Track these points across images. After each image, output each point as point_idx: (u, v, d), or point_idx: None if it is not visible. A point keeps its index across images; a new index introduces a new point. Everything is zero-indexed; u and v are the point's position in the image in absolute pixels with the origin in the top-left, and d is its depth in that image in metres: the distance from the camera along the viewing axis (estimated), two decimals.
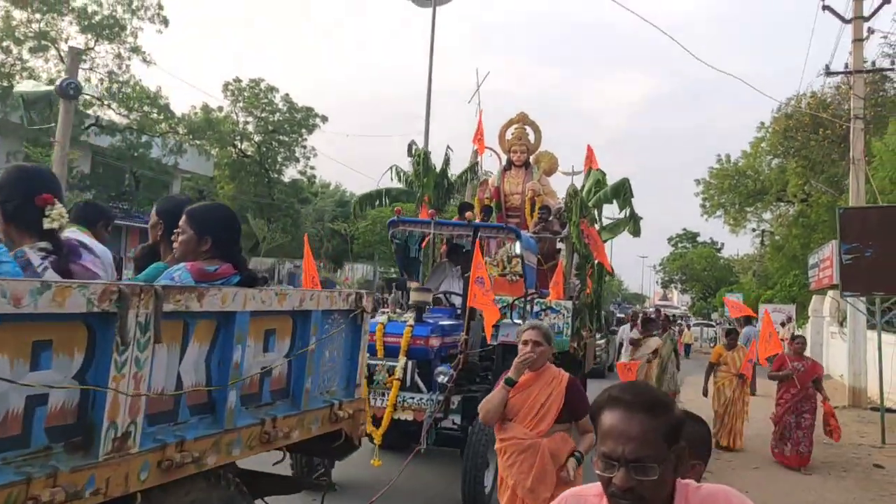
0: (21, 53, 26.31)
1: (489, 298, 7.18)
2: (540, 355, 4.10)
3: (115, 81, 28.72)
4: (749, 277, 43.14)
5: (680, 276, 56.13)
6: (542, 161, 13.30)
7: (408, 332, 7.21)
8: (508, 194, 12.99)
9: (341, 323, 4.00)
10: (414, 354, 7.16)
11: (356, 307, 4.09)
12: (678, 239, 62.40)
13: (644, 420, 1.72)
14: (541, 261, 11.21)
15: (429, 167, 12.20)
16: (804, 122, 27.27)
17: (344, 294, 4.05)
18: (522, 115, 13.37)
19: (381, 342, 7.28)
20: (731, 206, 37.41)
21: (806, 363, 9.57)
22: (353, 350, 4.17)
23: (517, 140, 13.18)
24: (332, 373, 4.02)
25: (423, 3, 25.24)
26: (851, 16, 15.57)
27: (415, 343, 7.19)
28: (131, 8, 28.32)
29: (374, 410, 6.87)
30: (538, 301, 10.18)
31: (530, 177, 12.93)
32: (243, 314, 3.13)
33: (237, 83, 38.10)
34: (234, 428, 3.08)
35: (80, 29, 27.56)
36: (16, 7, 26.17)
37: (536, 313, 10.08)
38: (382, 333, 7.31)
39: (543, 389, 4.17)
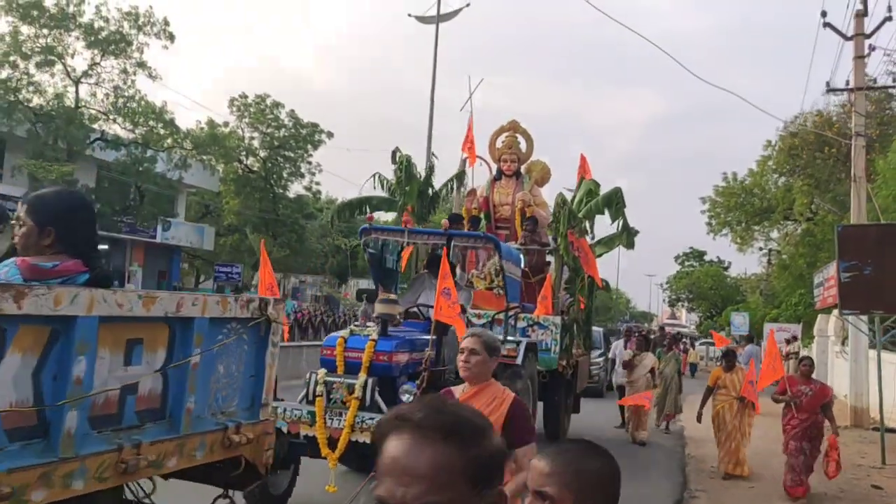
0: (28, 68, 26.50)
1: (455, 311, 6.81)
2: (475, 366, 3.50)
3: (121, 96, 28.88)
4: (756, 296, 42.86)
5: (687, 294, 55.81)
6: (533, 171, 12.73)
7: (370, 346, 6.69)
8: (498, 205, 12.40)
9: (241, 333, 3.52)
10: (376, 371, 6.63)
11: (259, 315, 3.59)
12: (685, 257, 62.11)
13: (438, 451, 1.16)
14: (528, 274, 10.85)
15: (412, 175, 11.65)
16: (809, 141, 27.18)
17: (243, 300, 3.58)
18: (513, 122, 12.83)
19: (341, 357, 6.79)
20: (738, 225, 37.26)
21: (814, 387, 8.72)
22: (258, 365, 3.67)
23: (507, 149, 12.61)
24: (230, 391, 3.54)
25: (426, 20, 25.31)
26: (853, 33, 15.48)
27: (378, 359, 6.65)
28: (137, 24, 28.54)
29: (330, 431, 6.35)
30: (525, 316, 9.82)
31: (521, 187, 12.36)
32: (88, 319, 2.63)
33: (243, 99, 38.28)
34: (76, 456, 2.57)
35: (87, 44, 27.78)
36: (24, 23, 26.41)
37: (523, 329, 9.74)
38: (343, 348, 6.83)
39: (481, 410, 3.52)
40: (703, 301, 52.76)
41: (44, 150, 26.17)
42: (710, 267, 56.10)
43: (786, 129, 28.43)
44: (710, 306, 51.77)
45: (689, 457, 10.95)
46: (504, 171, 12.55)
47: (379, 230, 8.52)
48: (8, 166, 27.68)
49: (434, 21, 25.08)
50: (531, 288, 10.77)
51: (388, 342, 6.79)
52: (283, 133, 38.90)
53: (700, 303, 54.29)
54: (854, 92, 15.71)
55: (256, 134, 38.92)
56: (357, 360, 6.64)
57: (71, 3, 27.20)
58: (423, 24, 25.74)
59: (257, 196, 38.32)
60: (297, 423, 6.46)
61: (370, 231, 8.51)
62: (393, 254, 9.19)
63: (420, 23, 25.47)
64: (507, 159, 12.51)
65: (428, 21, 25.15)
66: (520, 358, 7.97)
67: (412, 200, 11.57)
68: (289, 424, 6.42)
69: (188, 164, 31.27)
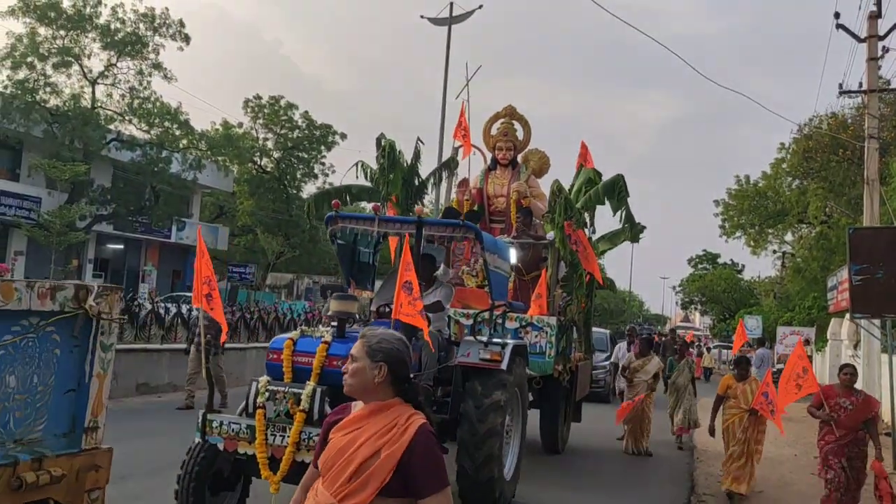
0: (45, 69, 26.77)
1: (416, 309, 6.00)
2: (352, 375, 2.60)
3: (137, 97, 29.12)
4: (770, 300, 42.64)
5: (700, 297, 55.59)
6: (531, 160, 11.70)
7: (321, 350, 5.80)
8: (492, 197, 11.37)
9: (44, 332, 2.62)
10: (329, 379, 5.59)
11: (72, 309, 2.67)
12: (698, 260, 61.88)
13: None
14: (521, 270, 10.02)
15: (395, 162, 10.57)
16: (824, 143, 27.02)
17: (44, 287, 2.58)
18: (510, 108, 11.76)
19: (288, 362, 5.88)
20: (751, 228, 37.13)
21: (856, 399, 7.36)
22: (79, 376, 2.76)
23: (503, 136, 11.49)
24: (30, 411, 2.61)
25: (439, 22, 25.36)
26: (866, 35, 15.42)
27: (330, 364, 5.67)
28: (153, 25, 28.77)
29: (272, 449, 5.46)
30: (518, 317, 8.92)
31: (517, 177, 11.30)
32: None
33: (257, 100, 38.52)
34: None
35: (103, 46, 28.03)
36: (41, 24, 26.69)
37: (514, 330, 8.85)
38: (291, 352, 5.93)
39: (372, 439, 2.52)
40: (717, 304, 52.52)
41: (60, 150, 26.44)
42: (724, 270, 55.85)
43: (800, 132, 28.31)
44: (724, 309, 51.53)
45: (698, 473, 10.22)
46: (499, 160, 11.48)
47: (346, 218, 7.49)
48: (25, 166, 27.99)
49: (447, 23, 25.14)
50: (524, 286, 10.02)
51: (343, 345, 5.82)
52: (296, 134, 39.11)
53: (713, 306, 54.05)
54: (867, 94, 15.65)
55: (270, 135, 39.17)
56: (307, 365, 5.80)
57: (88, 5, 27.45)
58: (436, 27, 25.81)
59: (271, 197, 38.53)
60: (234, 439, 5.57)
61: (336, 220, 7.48)
62: (368, 246, 8.23)
63: (433, 24, 25.53)
64: (502, 147, 11.42)
65: (440, 23, 25.21)
66: (504, 362, 6.95)
67: (396, 190, 10.56)
68: (225, 441, 5.61)
69: (203, 165, 31.50)
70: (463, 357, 6.97)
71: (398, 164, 10.69)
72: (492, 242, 7.66)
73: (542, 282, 9.29)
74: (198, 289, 6.28)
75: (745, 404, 8.57)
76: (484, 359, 6.90)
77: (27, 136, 26.78)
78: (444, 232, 7.40)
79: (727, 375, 9.10)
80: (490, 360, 6.89)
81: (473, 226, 7.16)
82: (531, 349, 8.77)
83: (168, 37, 29.23)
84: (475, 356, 6.94)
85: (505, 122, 11.62)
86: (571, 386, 10.43)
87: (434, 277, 7.74)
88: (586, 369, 11.48)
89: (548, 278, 9.56)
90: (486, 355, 6.91)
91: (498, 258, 7.59)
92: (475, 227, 7.18)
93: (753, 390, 8.61)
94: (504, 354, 6.95)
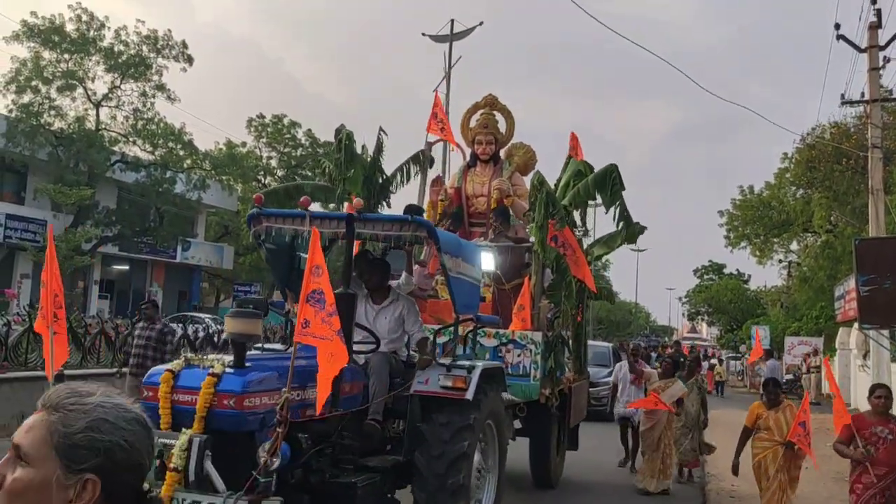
0: (49, 92, 26.96)
1: (331, 329, 4.52)
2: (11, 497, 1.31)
3: (140, 119, 29.30)
4: (776, 309, 42.51)
5: (706, 308, 55.46)
6: (514, 155, 10.39)
7: (208, 385, 4.40)
8: (472, 197, 10.04)
9: None
10: (218, 423, 4.39)
11: None
12: (704, 270, 61.78)
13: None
14: (501, 279, 8.76)
15: (354, 156, 9.14)
16: (827, 153, 27.00)
17: None
18: (490, 97, 10.45)
19: (166, 402, 4.51)
20: (756, 238, 37.08)
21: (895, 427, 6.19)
22: None
23: (482, 128, 10.12)
24: None
25: (440, 39, 25.52)
26: (866, 45, 15.45)
27: (220, 404, 4.39)
28: (156, 47, 28.98)
29: None
30: (498, 333, 7.71)
31: (499, 175, 9.98)
32: None
33: (260, 119, 38.73)
34: None
35: (107, 68, 28.24)
36: (45, 48, 26.91)
37: (493, 349, 7.64)
38: (170, 388, 4.54)
39: None
40: (723, 314, 52.38)
41: (65, 173, 26.60)
42: (730, 280, 55.74)
43: (803, 142, 28.32)
44: (731, 320, 51.38)
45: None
46: (479, 155, 10.12)
47: (271, 216, 5.98)
48: (31, 189, 28.13)
49: (448, 40, 25.30)
50: (505, 296, 8.69)
51: (238, 378, 4.52)
52: (300, 152, 39.28)
53: (720, 316, 53.91)
54: (870, 104, 15.66)
55: (274, 153, 39.35)
56: (191, 406, 4.41)
57: (91, 28, 27.70)
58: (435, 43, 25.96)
59: None
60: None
61: (260, 218, 5.96)
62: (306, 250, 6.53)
63: (434, 42, 25.68)
64: (482, 141, 10.05)
65: (441, 40, 25.36)
66: (471, 390, 5.67)
67: (356, 189, 9.07)
68: None
69: (207, 185, 31.62)
70: (420, 385, 5.73)
71: (358, 158, 9.21)
72: (453, 243, 6.29)
73: (525, 291, 8.02)
74: (48, 307, 5.21)
75: (780, 436, 7.08)
76: (445, 386, 5.68)
77: (32, 160, 26.94)
78: (388, 229, 5.84)
79: (755, 403, 7.67)
80: (452, 388, 5.67)
81: (425, 221, 5.87)
82: (513, 370, 7.62)
83: (171, 58, 29.48)
84: (434, 383, 5.71)
85: (485, 114, 10.22)
86: (564, 410, 9.04)
87: (388, 288, 6.50)
88: (582, 391, 10.03)
89: (531, 287, 8.19)
90: (448, 382, 5.68)
91: (463, 262, 6.22)
92: (427, 222, 5.88)
93: (788, 419, 7.15)
94: (470, 380, 5.69)
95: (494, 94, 10.45)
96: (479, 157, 10.18)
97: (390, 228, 5.85)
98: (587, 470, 10.49)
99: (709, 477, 10.72)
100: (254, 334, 4.79)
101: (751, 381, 31.10)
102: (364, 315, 6.18)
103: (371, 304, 6.31)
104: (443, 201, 9.89)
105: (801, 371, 27.31)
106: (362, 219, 5.79)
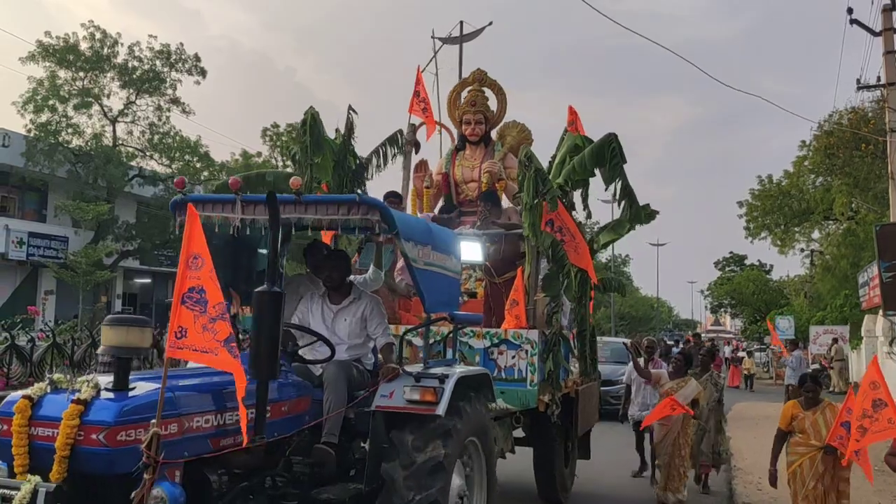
0: (66, 111, 27.29)
1: (209, 339, 3.56)
2: None
3: (157, 133, 29.59)
4: (800, 299, 42.09)
5: (729, 300, 55.05)
6: (507, 135, 9.40)
7: (70, 415, 3.45)
8: (461, 183, 9.07)
9: None
10: (84, 464, 3.46)
11: None
12: (725, 262, 61.35)
13: None
14: (492, 271, 7.83)
15: (321, 139, 8.05)
16: (845, 139, 26.72)
17: None
18: (479, 72, 9.41)
19: (20, 439, 3.52)
20: (777, 227, 36.74)
21: None
22: None
23: (470, 106, 9.12)
24: None
25: (450, 41, 25.49)
26: (881, 28, 15.28)
27: (87, 440, 3.44)
28: (170, 61, 29.25)
29: None
30: (489, 333, 6.83)
31: (491, 157, 9.05)
32: None
33: (275, 128, 38.90)
34: None
35: (122, 84, 28.55)
36: (61, 67, 27.25)
37: (484, 351, 6.78)
38: (26, 419, 3.55)
39: None
40: (746, 306, 51.94)
41: (84, 189, 26.91)
42: (752, 271, 55.29)
43: (820, 129, 28.03)
44: (754, 311, 50.94)
45: None
46: (468, 136, 9.12)
47: (197, 202, 4.70)
48: (51, 207, 28.48)
49: (458, 42, 25.27)
50: (498, 292, 7.72)
51: (110, 404, 3.57)
52: None
53: (743, 308, 53.47)
54: (887, 88, 15.49)
55: (289, 162, 39.48)
56: (50, 441, 3.46)
57: (105, 46, 28.01)
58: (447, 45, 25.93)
59: None
60: None
61: (183, 205, 4.72)
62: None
63: (444, 44, 25.65)
64: (470, 120, 9.04)
65: (452, 42, 25.33)
66: (442, 405, 4.72)
67: (326, 176, 8.18)
68: None
69: None
70: (383, 399, 4.81)
71: (327, 142, 8.17)
72: (418, 229, 5.22)
73: (518, 284, 7.11)
74: None
75: (819, 440, 6.32)
76: (412, 400, 4.75)
77: (52, 178, 27.31)
78: (333, 213, 4.71)
79: (790, 403, 6.79)
80: (420, 403, 4.74)
81: (375, 201, 4.88)
82: (507, 374, 6.78)
83: (184, 72, 29.72)
84: (399, 398, 4.79)
85: (474, 90, 9.26)
86: (572, 417, 7.84)
87: (349, 285, 5.58)
88: (591, 394, 8.79)
89: (525, 279, 7.19)
90: (415, 395, 4.76)
91: (434, 251, 5.23)
92: (378, 202, 4.85)
93: (829, 420, 6.30)
94: (442, 392, 4.76)
95: (483, 69, 9.39)
96: (468, 139, 9.20)
97: (335, 211, 4.74)
98: (602, 480, 9.59)
99: (735, 471, 10.51)
100: (138, 347, 3.83)
101: (776, 373, 30.68)
102: (321, 317, 5.42)
103: (328, 304, 5.45)
104: (428, 188, 9.04)
105: (826, 359, 26.87)
106: (302, 201, 4.69)
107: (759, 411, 17.37)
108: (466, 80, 9.51)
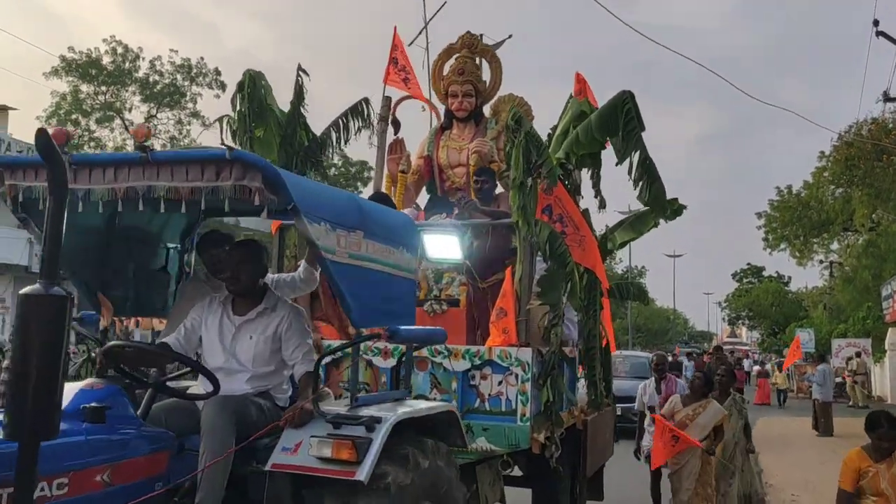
0: (88, 124, 27.64)
1: None
2: None
3: (177, 146, 29.87)
4: (820, 311, 41.76)
5: (747, 312, 54.65)
6: (501, 111, 7.45)
7: None
8: (446, 167, 7.35)
9: None
10: None
11: None
12: (742, 274, 60.93)
13: None
14: (473, 273, 6.08)
15: (264, 108, 6.68)
16: (866, 150, 26.58)
17: None
18: (468, 36, 7.57)
19: None
20: (796, 239, 36.52)
21: None
22: None
23: (457, 75, 7.30)
24: None
25: None
26: None
27: None
28: (190, 75, 29.56)
29: None
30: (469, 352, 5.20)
31: (482, 136, 7.27)
32: None
33: None
34: None
35: (143, 98, 28.88)
36: (83, 81, 27.62)
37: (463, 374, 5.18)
38: None
39: None
40: (765, 318, 51.57)
41: None
42: (770, 283, 54.91)
43: (840, 140, 27.90)
44: (772, 323, 50.57)
45: None
46: (455, 112, 7.37)
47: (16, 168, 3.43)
48: None
49: None
50: (481, 298, 6.08)
51: None
52: (333, 172, 39.59)
53: (761, 320, 53.08)
54: None
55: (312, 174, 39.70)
56: None
57: (126, 60, 28.37)
58: None
59: None
60: None
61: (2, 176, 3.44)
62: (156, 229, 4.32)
63: None
64: (457, 92, 7.27)
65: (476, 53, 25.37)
66: (365, 468, 3.19)
67: (272, 154, 6.61)
68: None
69: None
70: (284, 455, 3.31)
71: (272, 112, 6.75)
72: (334, 202, 3.58)
73: (507, 290, 5.36)
74: None
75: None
76: (323, 458, 3.24)
77: None
78: (194, 177, 3.12)
79: (854, 453, 4.89)
80: (334, 463, 3.23)
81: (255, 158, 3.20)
82: (492, 405, 5.16)
83: (205, 85, 30.06)
84: (304, 454, 3.28)
85: (462, 57, 7.42)
86: (579, 452, 6.25)
87: (262, 289, 3.88)
88: (603, 426, 7.01)
89: (515, 283, 5.43)
90: (326, 451, 3.23)
91: (365, 238, 3.61)
92: (259, 160, 3.16)
93: None
94: (367, 446, 3.24)
95: (473, 33, 7.64)
96: (456, 115, 7.42)
97: (197, 175, 3.12)
98: None
99: (767, 488, 9.94)
100: None
101: (798, 386, 30.29)
102: (217, 333, 3.77)
103: (229, 315, 3.78)
104: (404, 173, 7.25)
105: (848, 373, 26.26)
106: (151, 160, 3.13)
107: (785, 427, 17.08)
108: (453, 45, 7.60)
